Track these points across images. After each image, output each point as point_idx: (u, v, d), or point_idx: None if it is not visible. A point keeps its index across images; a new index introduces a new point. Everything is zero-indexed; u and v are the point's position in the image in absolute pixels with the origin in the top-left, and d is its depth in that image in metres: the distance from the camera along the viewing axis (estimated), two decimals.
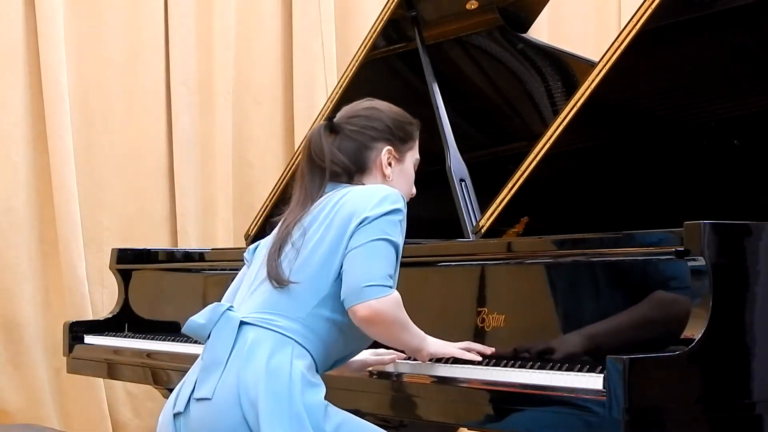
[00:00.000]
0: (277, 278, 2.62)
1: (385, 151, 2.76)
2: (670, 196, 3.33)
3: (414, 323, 2.68)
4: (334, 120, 2.78)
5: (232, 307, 2.65)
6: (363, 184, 2.74)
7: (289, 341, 2.57)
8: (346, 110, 2.82)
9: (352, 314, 2.58)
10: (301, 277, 2.60)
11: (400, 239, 2.63)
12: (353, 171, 2.74)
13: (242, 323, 2.59)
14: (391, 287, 2.59)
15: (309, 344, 2.59)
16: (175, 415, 2.59)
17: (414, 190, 2.85)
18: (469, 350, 2.79)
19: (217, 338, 2.59)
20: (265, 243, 2.74)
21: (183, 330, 2.67)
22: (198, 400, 2.55)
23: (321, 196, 2.70)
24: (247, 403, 2.50)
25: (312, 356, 2.59)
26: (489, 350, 2.79)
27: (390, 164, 2.77)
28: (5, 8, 5.14)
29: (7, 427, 4.70)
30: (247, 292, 2.70)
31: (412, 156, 2.82)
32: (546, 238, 2.87)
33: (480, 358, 2.77)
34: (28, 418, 5.11)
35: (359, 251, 2.57)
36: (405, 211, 2.65)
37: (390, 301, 2.58)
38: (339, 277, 2.60)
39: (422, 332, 2.72)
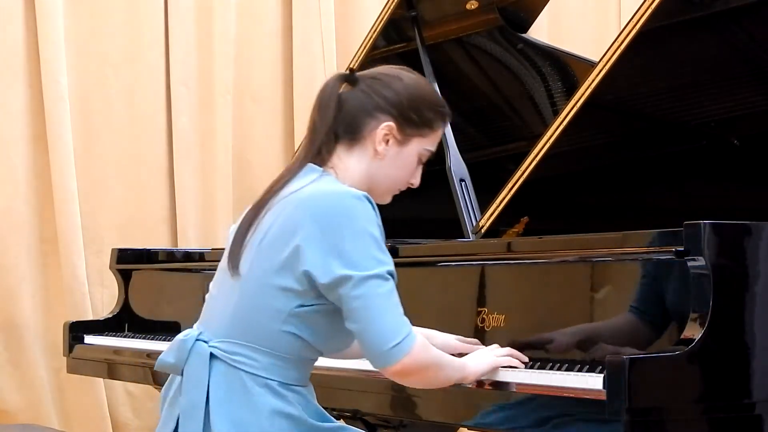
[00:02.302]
0: (234, 265, 2.44)
1: (384, 126, 2.48)
2: (670, 196, 3.34)
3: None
4: (359, 72, 2.53)
5: (201, 334, 2.46)
6: (337, 169, 2.48)
7: (259, 381, 2.39)
8: (374, 69, 2.56)
9: (386, 372, 2.40)
10: (251, 287, 2.41)
11: (388, 259, 2.38)
12: (338, 138, 2.48)
13: (212, 356, 2.41)
14: (410, 331, 2.38)
15: (281, 374, 2.41)
16: None
17: (415, 182, 2.57)
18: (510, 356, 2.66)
19: (191, 380, 2.43)
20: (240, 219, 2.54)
21: (155, 368, 2.53)
22: None
23: (297, 175, 2.47)
24: None
25: (289, 383, 2.42)
26: (525, 359, 2.68)
27: (387, 142, 2.49)
28: (5, 8, 5.14)
29: (7, 427, 4.70)
30: (218, 288, 2.51)
31: (420, 144, 2.52)
32: (546, 238, 2.87)
33: (522, 365, 2.66)
34: (28, 418, 5.11)
35: (361, 305, 2.34)
36: (375, 210, 2.39)
37: (418, 349, 2.38)
38: (299, 307, 2.39)
39: (458, 361, 2.55)
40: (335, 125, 2.49)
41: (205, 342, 2.44)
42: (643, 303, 2.58)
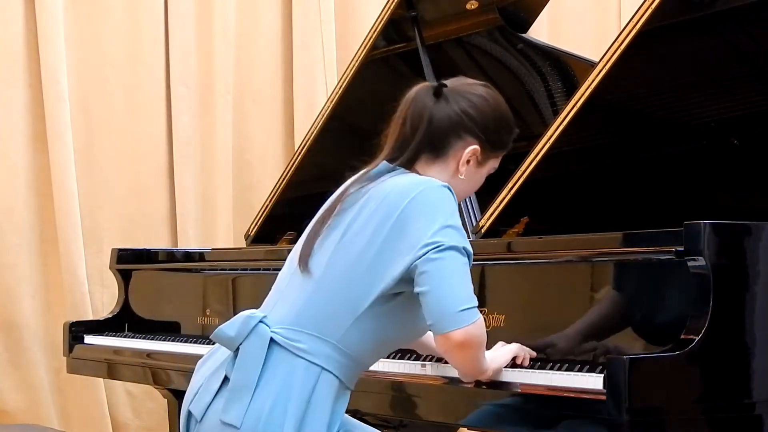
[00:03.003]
0: (304, 262, 2.47)
1: (471, 150, 2.55)
2: (670, 196, 3.33)
3: None
4: (448, 86, 2.57)
5: (265, 317, 2.46)
6: (418, 173, 2.54)
7: (315, 371, 2.42)
8: (461, 84, 2.60)
9: (444, 339, 2.39)
10: (328, 282, 2.45)
11: (467, 242, 2.43)
12: (423, 151, 2.54)
13: (272, 341, 2.43)
14: (476, 306, 2.41)
15: (339, 369, 2.44)
16: (190, 414, 2.50)
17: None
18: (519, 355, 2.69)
19: (246, 357, 2.42)
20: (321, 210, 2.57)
21: (211, 337, 2.51)
22: (225, 424, 2.41)
23: (375, 173, 2.52)
24: None
25: (342, 380, 2.45)
26: (533, 353, 2.70)
27: (468, 162, 2.57)
28: (5, 8, 5.14)
29: (7, 427, 4.70)
30: (287, 281, 2.53)
31: (494, 163, 2.63)
32: (546, 238, 2.87)
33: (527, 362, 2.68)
34: (28, 418, 5.11)
35: (438, 267, 2.37)
36: (455, 199, 2.48)
37: (481, 323, 2.43)
38: (381, 298, 2.42)
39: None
40: (424, 139, 2.54)
41: (267, 326, 2.46)
42: (642, 303, 2.58)
